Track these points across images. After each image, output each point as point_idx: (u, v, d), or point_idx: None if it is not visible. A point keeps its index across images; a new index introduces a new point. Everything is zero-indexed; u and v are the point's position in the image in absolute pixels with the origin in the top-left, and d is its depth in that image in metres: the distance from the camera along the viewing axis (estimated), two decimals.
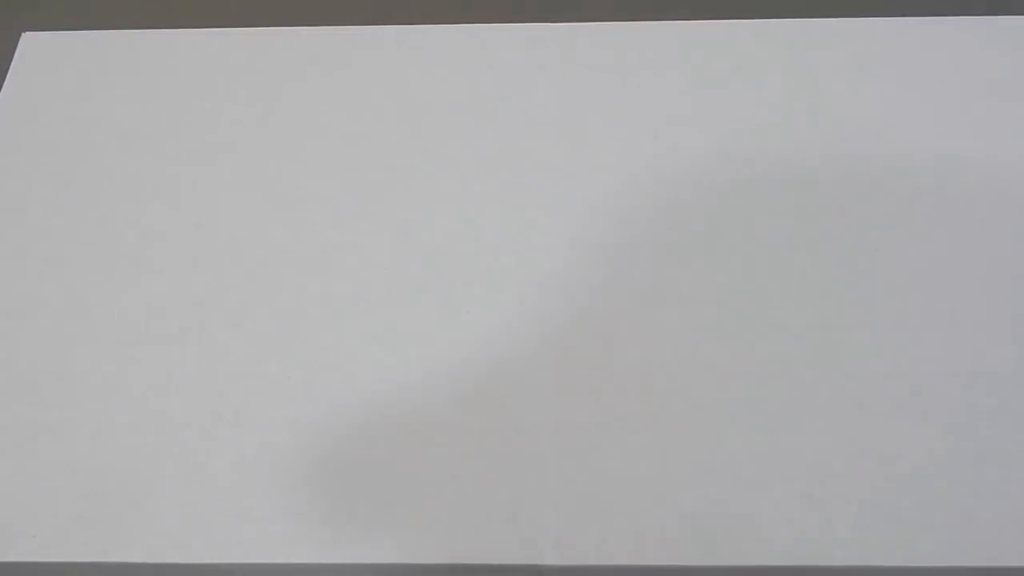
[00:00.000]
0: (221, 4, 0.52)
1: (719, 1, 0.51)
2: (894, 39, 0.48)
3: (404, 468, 0.36)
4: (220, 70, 0.48)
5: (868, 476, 0.36)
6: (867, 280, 0.40)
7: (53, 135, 0.46)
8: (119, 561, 0.35)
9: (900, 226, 0.42)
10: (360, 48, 0.48)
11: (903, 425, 0.37)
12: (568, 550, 0.35)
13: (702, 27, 0.48)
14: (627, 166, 0.44)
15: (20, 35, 0.49)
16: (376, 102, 0.46)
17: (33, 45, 0.49)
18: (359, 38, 0.49)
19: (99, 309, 0.40)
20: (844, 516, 0.35)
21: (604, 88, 0.46)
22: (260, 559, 0.35)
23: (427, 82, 0.47)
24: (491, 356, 0.39)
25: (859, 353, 0.38)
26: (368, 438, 0.37)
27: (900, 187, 0.43)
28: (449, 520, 0.35)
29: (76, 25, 0.50)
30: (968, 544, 0.34)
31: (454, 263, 0.41)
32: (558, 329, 0.39)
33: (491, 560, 0.35)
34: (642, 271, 0.41)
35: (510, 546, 0.35)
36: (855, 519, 0.35)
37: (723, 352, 0.39)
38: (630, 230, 0.42)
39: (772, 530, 0.35)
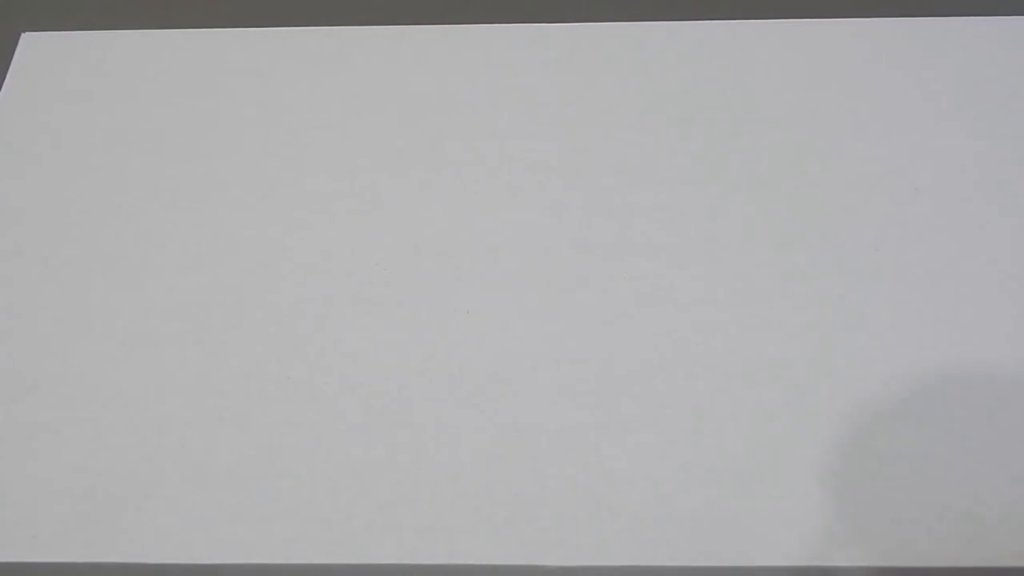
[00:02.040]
0: (221, 4, 0.52)
1: (719, 1, 0.51)
2: (894, 39, 0.48)
3: (404, 468, 0.36)
4: (220, 70, 0.48)
5: (868, 476, 0.36)
6: (867, 280, 0.40)
7: (53, 135, 0.46)
8: (119, 561, 0.35)
9: (900, 226, 0.42)
10: (360, 48, 0.48)
11: (903, 425, 0.37)
12: (568, 550, 0.35)
13: (702, 27, 0.48)
14: (627, 166, 0.44)
15: (20, 35, 0.49)
16: (376, 102, 0.46)
17: (33, 45, 0.49)
18: (359, 38, 0.49)
19: (99, 309, 0.40)
20: (844, 516, 0.35)
21: (604, 88, 0.46)
22: (260, 559, 0.35)
23: (427, 82, 0.47)
24: (491, 356, 0.39)
25: (859, 353, 0.38)
26: (368, 438, 0.37)
27: (900, 187, 0.43)
28: (449, 520, 0.35)
29: (76, 25, 0.50)
30: (968, 544, 0.34)
31: (454, 263, 0.41)
32: (558, 329, 0.39)
33: (491, 560, 0.35)
34: (642, 271, 0.41)
35: (510, 546, 0.35)
36: (855, 519, 0.35)
37: (723, 352, 0.39)
38: (630, 230, 0.42)
39: (772, 530, 0.35)
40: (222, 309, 0.40)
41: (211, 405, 0.38)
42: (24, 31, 0.49)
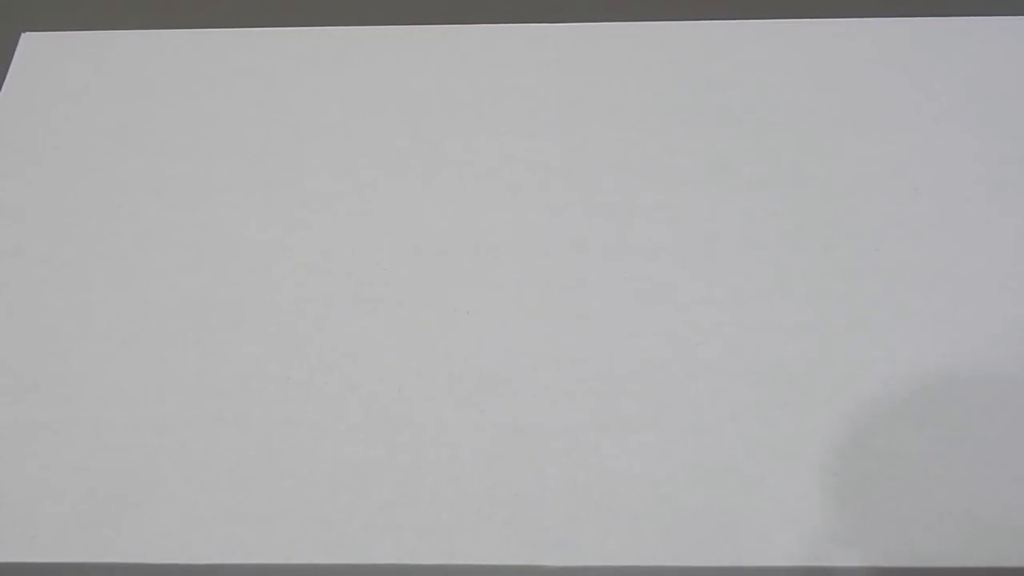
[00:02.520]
0: (221, 4, 0.52)
1: (719, 1, 0.51)
2: (894, 39, 0.48)
3: (404, 468, 0.36)
4: (220, 70, 0.48)
5: (868, 476, 0.36)
6: (867, 280, 0.40)
7: (53, 135, 0.46)
8: (119, 561, 0.35)
9: (900, 226, 0.42)
10: (360, 48, 0.48)
11: (903, 425, 0.37)
12: (568, 550, 0.35)
13: (702, 27, 0.49)
14: (627, 166, 0.44)
15: (20, 35, 0.49)
16: (376, 102, 0.46)
17: (33, 45, 0.49)
18: (359, 38, 0.49)
19: (99, 309, 0.40)
20: (842, 516, 0.35)
21: (604, 88, 0.46)
22: (260, 559, 0.35)
23: (427, 82, 0.47)
24: (491, 356, 0.39)
25: (859, 353, 0.38)
26: (368, 438, 0.37)
27: (900, 187, 0.43)
28: (449, 520, 0.35)
29: (76, 25, 0.50)
30: (968, 544, 0.34)
31: (454, 263, 0.41)
32: (558, 329, 0.39)
33: (491, 560, 0.35)
34: (642, 271, 0.41)
35: (510, 546, 0.35)
36: (854, 519, 0.35)
37: (723, 352, 0.39)
38: (630, 230, 0.42)
39: (772, 530, 0.35)
40: (222, 309, 0.40)
41: (211, 405, 0.38)
42: (24, 31, 0.49)
